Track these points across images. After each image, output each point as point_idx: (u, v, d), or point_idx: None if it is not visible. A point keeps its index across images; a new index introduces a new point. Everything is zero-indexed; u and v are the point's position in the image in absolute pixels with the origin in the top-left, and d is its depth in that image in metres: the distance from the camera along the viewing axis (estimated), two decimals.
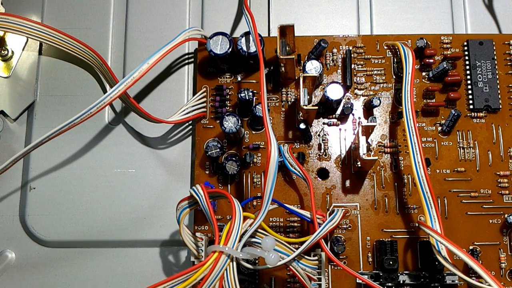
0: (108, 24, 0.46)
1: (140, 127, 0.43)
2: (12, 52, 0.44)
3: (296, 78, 0.41)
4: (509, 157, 0.40)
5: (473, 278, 0.32)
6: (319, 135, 0.41)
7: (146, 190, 0.42)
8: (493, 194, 0.39)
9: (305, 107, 0.37)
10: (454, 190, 0.39)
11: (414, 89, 0.41)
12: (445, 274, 0.36)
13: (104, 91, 0.44)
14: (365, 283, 0.36)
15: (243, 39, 0.40)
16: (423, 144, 0.40)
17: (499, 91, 0.40)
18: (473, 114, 0.41)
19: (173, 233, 0.41)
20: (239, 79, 0.42)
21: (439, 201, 0.39)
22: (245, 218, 0.32)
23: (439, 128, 0.40)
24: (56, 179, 0.42)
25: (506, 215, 0.38)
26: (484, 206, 0.39)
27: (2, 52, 0.44)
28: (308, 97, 0.37)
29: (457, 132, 0.40)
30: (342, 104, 0.41)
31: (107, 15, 0.46)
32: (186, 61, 0.45)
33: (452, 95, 0.40)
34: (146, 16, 0.46)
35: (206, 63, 0.42)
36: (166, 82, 0.44)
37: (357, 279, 0.36)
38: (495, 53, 0.41)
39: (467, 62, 0.41)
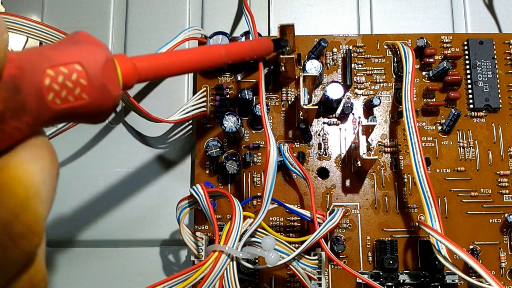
0: (108, 24, 0.46)
1: (140, 127, 0.43)
2: (12, 51, 0.44)
3: (296, 77, 0.41)
4: (509, 156, 0.40)
5: (473, 277, 0.32)
6: (319, 134, 0.41)
7: (146, 189, 0.42)
8: (493, 194, 0.39)
9: (305, 107, 0.37)
10: (454, 189, 0.39)
11: (414, 88, 0.41)
12: (445, 274, 0.36)
13: None
14: (365, 283, 0.36)
15: (243, 39, 0.40)
16: (423, 144, 0.40)
17: (499, 91, 0.40)
18: (473, 113, 0.41)
19: (173, 232, 0.41)
20: (239, 78, 0.42)
21: (439, 201, 0.39)
22: (245, 217, 0.32)
23: (439, 128, 0.40)
24: None
25: (506, 215, 0.38)
26: (484, 205, 0.39)
27: None
28: (308, 96, 0.37)
29: (457, 132, 0.40)
30: (342, 104, 0.41)
31: (107, 15, 0.46)
32: None
33: (452, 94, 0.40)
34: (146, 16, 0.46)
35: None
36: (166, 81, 0.44)
37: (357, 278, 0.36)
38: (495, 52, 0.41)
39: (467, 62, 0.41)
